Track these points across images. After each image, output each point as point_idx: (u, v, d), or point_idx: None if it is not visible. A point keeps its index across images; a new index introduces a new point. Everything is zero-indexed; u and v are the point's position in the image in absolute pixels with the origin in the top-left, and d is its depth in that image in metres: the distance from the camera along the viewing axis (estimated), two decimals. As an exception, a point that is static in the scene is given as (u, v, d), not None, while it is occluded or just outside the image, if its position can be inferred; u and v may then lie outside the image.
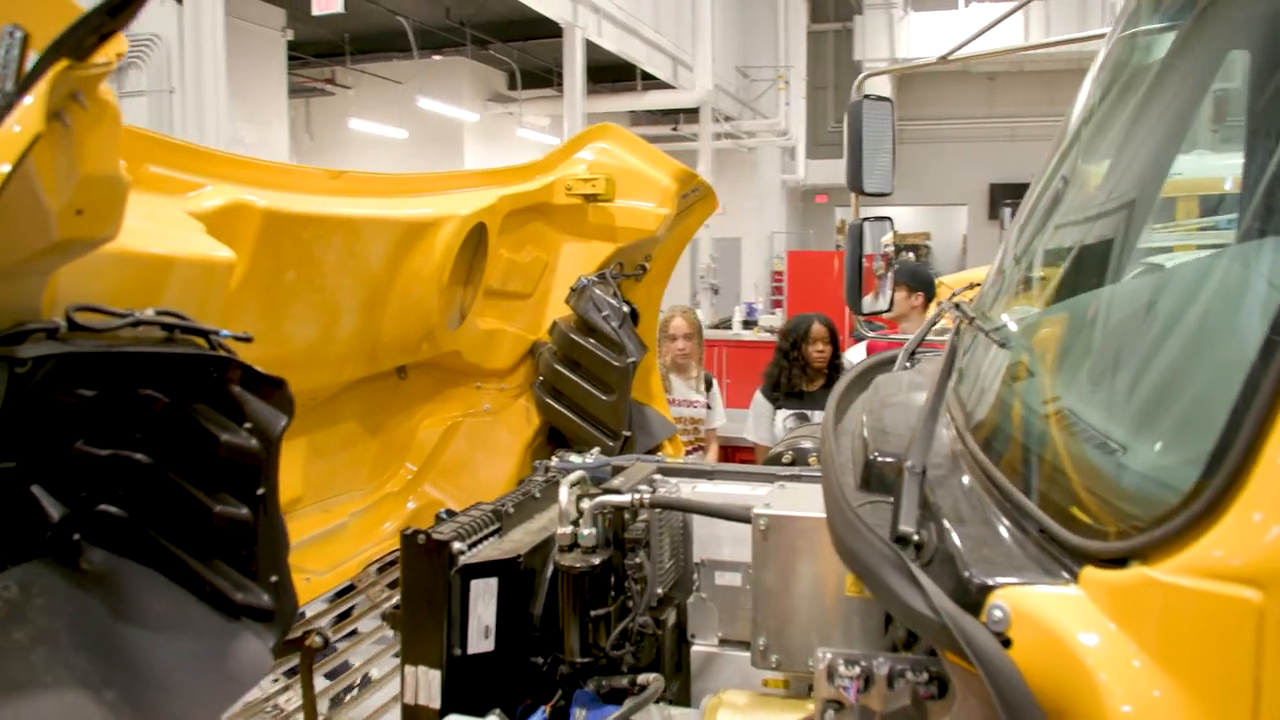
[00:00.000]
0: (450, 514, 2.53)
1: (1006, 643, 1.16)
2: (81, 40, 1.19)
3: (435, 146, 16.87)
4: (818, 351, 5.44)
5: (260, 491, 1.85)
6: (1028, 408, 1.49)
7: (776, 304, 18.92)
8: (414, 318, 3.16)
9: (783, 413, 5.46)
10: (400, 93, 15.96)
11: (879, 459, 1.63)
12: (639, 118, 21.77)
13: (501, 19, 14.59)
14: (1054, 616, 1.14)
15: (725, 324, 15.77)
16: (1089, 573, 1.14)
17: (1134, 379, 1.29)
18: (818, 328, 5.47)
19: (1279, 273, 1.08)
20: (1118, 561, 1.11)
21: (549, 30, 13.49)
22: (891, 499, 1.49)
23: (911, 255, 23.02)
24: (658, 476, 2.63)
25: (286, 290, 2.60)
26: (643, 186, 3.83)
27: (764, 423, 5.51)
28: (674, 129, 21.92)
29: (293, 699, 2.67)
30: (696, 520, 2.60)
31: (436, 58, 16.04)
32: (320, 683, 2.84)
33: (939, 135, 25.75)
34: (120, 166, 1.43)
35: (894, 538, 1.36)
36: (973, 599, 1.21)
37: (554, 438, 3.84)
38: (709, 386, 5.88)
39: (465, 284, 3.55)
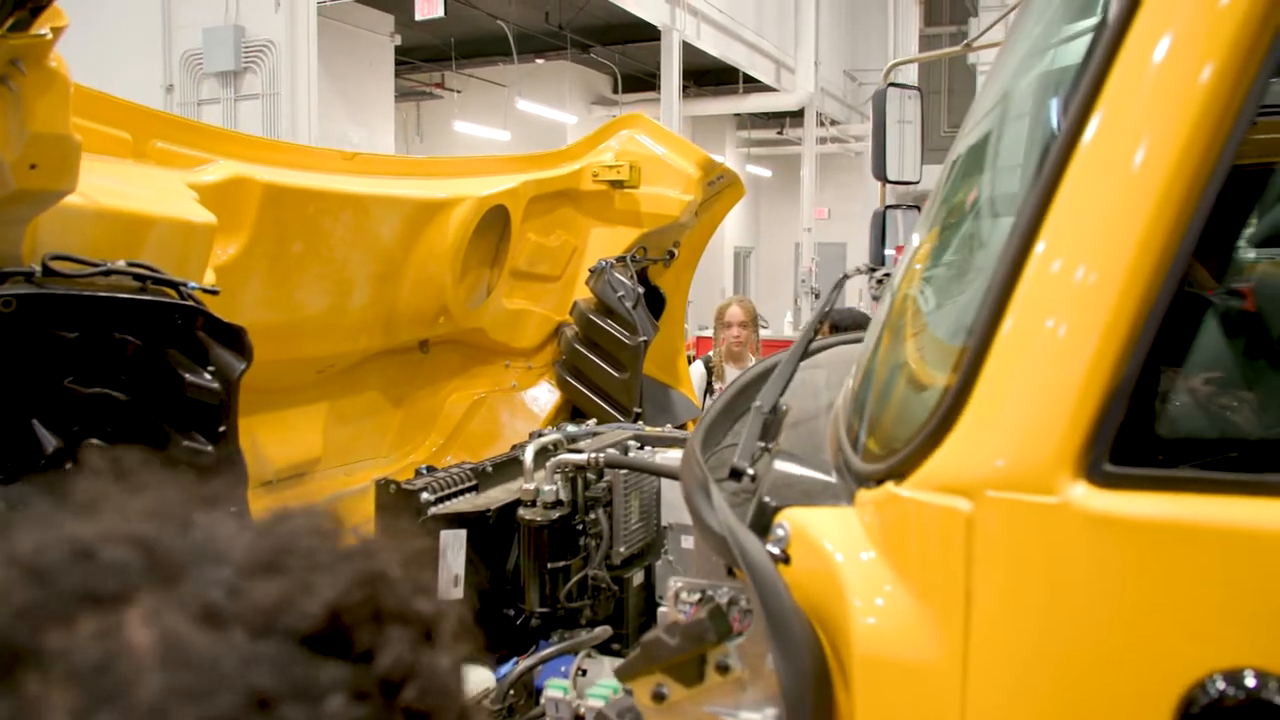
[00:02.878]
0: (431, 470, 2.70)
1: (785, 560, 1.25)
2: (4, 15, 1.39)
3: (537, 148, 17.22)
4: None
5: (222, 429, 2.05)
6: (868, 354, 1.58)
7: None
8: (429, 293, 3.35)
9: None
10: (504, 95, 16.39)
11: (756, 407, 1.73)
12: (744, 121, 21.80)
13: (601, 23, 14.85)
14: (823, 534, 1.23)
15: (818, 326, 15.65)
16: (860, 494, 1.24)
17: (918, 324, 1.38)
18: (824, 327, 5.59)
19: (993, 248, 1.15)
20: (879, 482, 1.20)
21: (650, 34, 13.69)
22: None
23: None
24: (631, 443, 2.75)
25: (294, 261, 2.81)
26: (667, 174, 3.95)
27: None
28: (779, 132, 21.88)
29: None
30: (666, 485, 2.71)
31: (540, 61, 16.42)
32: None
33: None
34: (71, 127, 1.64)
35: (730, 471, 1.46)
36: (766, 521, 1.31)
37: (577, 415, 3.99)
38: (763, 378, 5.95)
39: (492, 265, 3.74)
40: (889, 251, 4.53)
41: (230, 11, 11.29)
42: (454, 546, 2.53)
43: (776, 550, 1.26)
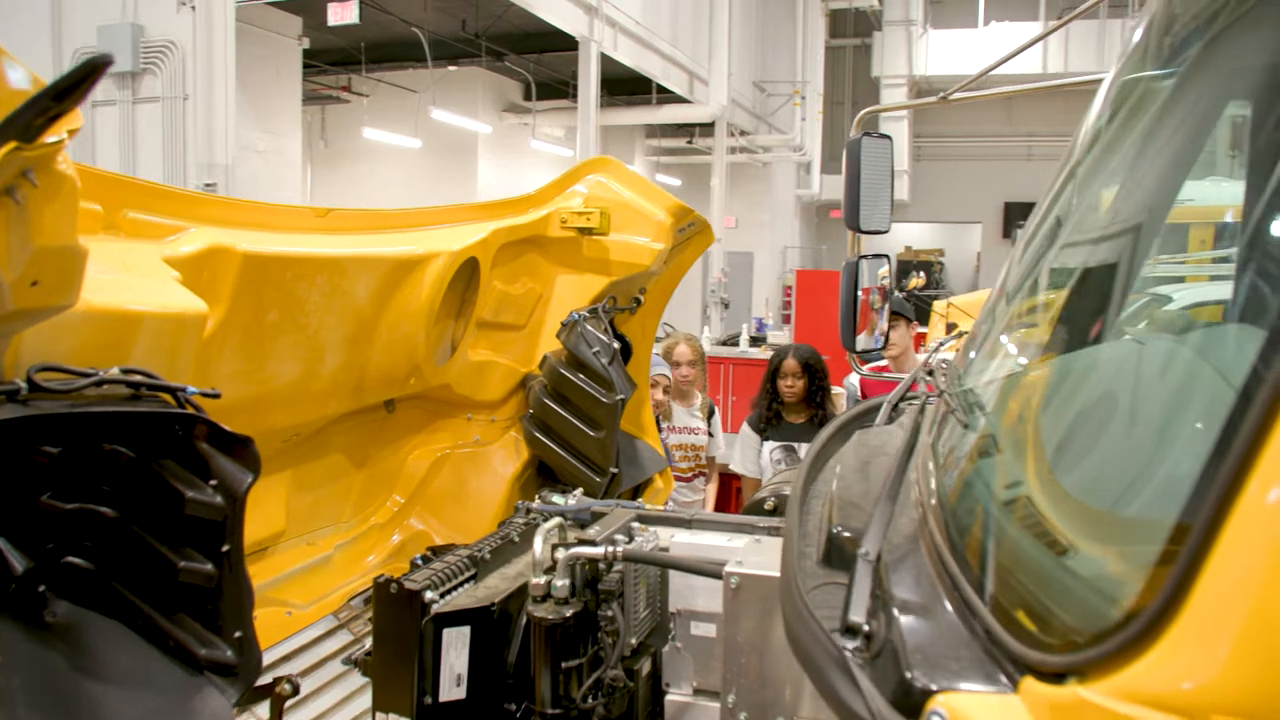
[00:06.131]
0: (426, 559, 2.52)
1: (944, 753, 1.14)
2: (30, 123, 1.19)
3: (448, 155, 16.90)
4: (787, 386, 5.30)
5: (225, 548, 1.85)
6: (984, 489, 1.47)
7: (787, 319, 18.84)
8: (401, 353, 3.16)
9: (769, 444, 5.33)
10: (415, 102, 16.01)
11: (840, 533, 1.61)
12: (654, 130, 21.79)
13: (517, 31, 14.62)
14: (990, 729, 1.12)
15: (733, 340, 15.60)
16: (1029, 684, 1.12)
17: (1086, 470, 1.26)
18: (788, 362, 5.31)
19: (1225, 387, 1.03)
20: (1057, 676, 1.09)
21: (565, 43, 13.51)
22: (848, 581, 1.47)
23: (922, 274, 22.93)
24: (635, 524, 2.61)
25: (269, 330, 2.60)
26: (638, 221, 3.82)
27: (751, 454, 5.40)
28: (689, 142, 21.93)
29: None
30: (673, 570, 2.58)
31: (452, 68, 16.09)
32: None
33: (955, 153, 25.79)
34: (77, 237, 1.43)
35: (843, 628, 1.35)
36: (914, 701, 1.19)
37: (543, 471, 3.83)
38: (711, 414, 5.86)
39: (457, 317, 3.55)
40: (859, 295, 4.49)
41: (128, 9, 10.73)
42: (457, 646, 2.37)
43: (932, 741, 1.15)
